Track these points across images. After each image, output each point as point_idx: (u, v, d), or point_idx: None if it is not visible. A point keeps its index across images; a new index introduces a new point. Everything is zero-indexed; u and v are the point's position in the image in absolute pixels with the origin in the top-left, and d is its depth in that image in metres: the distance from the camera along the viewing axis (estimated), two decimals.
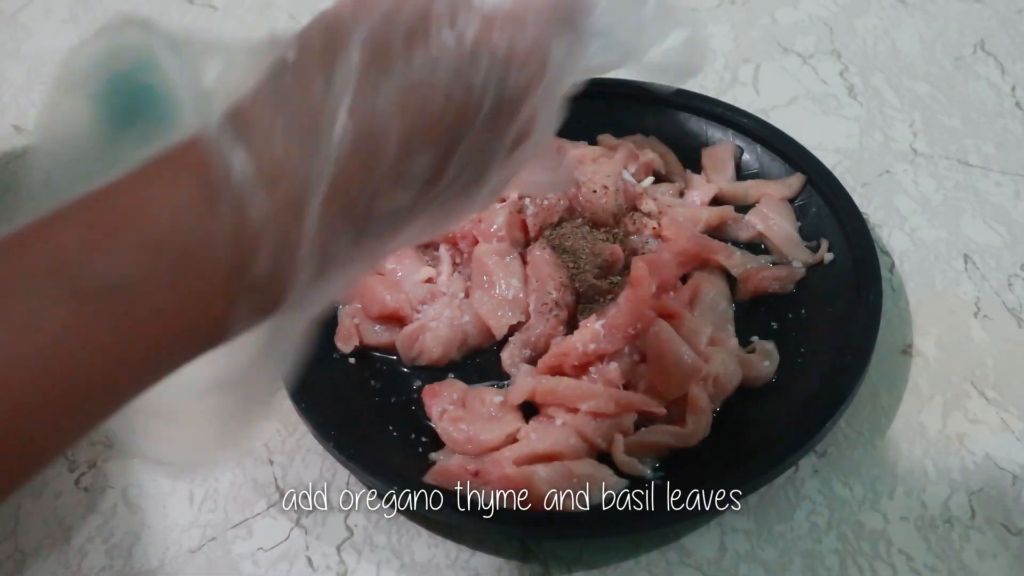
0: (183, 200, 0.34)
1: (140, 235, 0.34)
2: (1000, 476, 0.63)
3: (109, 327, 0.33)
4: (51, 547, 0.64)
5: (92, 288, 0.32)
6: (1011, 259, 0.75)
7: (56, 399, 0.32)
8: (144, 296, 0.33)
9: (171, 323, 0.34)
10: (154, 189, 0.35)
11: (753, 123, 0.81)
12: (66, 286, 0.32)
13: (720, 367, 0.65)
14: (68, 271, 0.32)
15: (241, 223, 0.34)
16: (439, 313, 0.71)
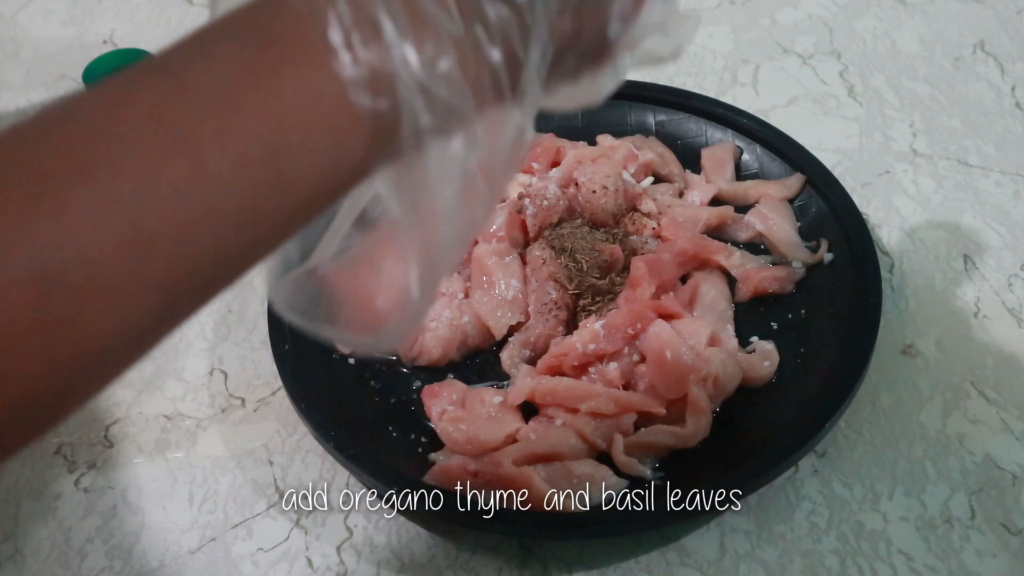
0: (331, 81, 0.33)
1: (300, 117, 0.33)
2: (1000, 476, 0.63)
3: (267, 199, 0.33)
4: (51, 548, 0.64)
5: (245, 157, 0.32)
6: (1011, 259, 0.75)
7: (225, 243, 0.33)
8: (296, 163, 0.33)
9: (317, 184, 0.34)
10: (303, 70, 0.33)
11: (753, 123, 0.81)
12: (228, 152, 0.32)
13: (720, 367, 0.65)
14: (229, 141, 0.32)
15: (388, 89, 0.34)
16: (438, 314, 0.70)
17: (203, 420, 0.71)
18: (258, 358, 0.74)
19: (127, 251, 0.31)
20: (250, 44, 0.33)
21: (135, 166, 0.31)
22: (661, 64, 0.43)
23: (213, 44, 0.34)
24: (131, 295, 0.31)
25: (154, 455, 0.69)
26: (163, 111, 0.32)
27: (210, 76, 0.33)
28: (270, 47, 0.33)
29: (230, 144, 0.32)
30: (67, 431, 0.70)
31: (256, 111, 0.33)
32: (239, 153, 0.32)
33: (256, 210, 0.33)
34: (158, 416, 0.71)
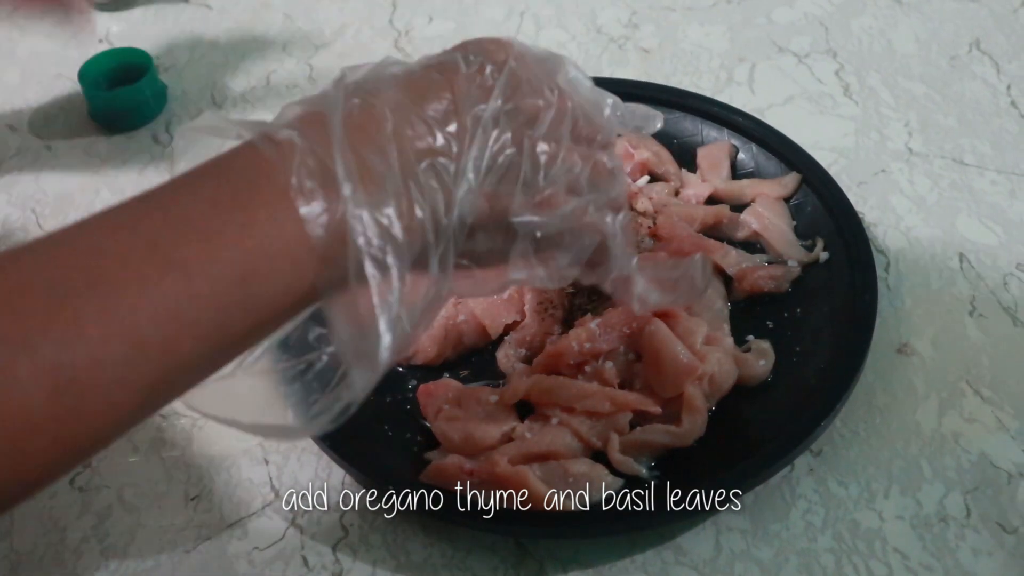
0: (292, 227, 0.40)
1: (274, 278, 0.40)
2: (995, 475, 0.63)
3: (235, 316, 0.40)
4: (46, 547, 0.64)
5: (223, 280, 0.39)
6: (1006, 258, 0.75)
7: (191, 365, 0.40)
8: (262, 286, 0.40)
9: (277, 304, 0.42)
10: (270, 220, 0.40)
11: (749, 122, 0.81)
12: (209, 275, 0.38)
13: (716, 366, 0.65)
14: (210, 266, 0.38)
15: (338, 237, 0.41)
16: None
17: (198, 419, 0.70)
18: None
19: (126, 356, 0.37)
20: (227, 184, 0.40)
21: (136, 283, 0.37)
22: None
23: (196, 184, 0.41)
24: (124, 393, 0.38)
25: (149, 454, 0.69)
26: (157, 237, 0.38)
27: (194, 210, 0.39)
28: (244, 188, 0.40)
29: (211, 269, 0.38)
30: None
31: (232, 241, 0.39)
32: (218, 276, 0.39)
33: (227, 325, 0.40)
34: (153, 415, 0.71)
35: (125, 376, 0.37)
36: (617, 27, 0.99)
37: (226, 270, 0.39)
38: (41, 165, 0.90)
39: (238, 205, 0.40)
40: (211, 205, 0.40)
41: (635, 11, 1.01)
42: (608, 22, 1.00)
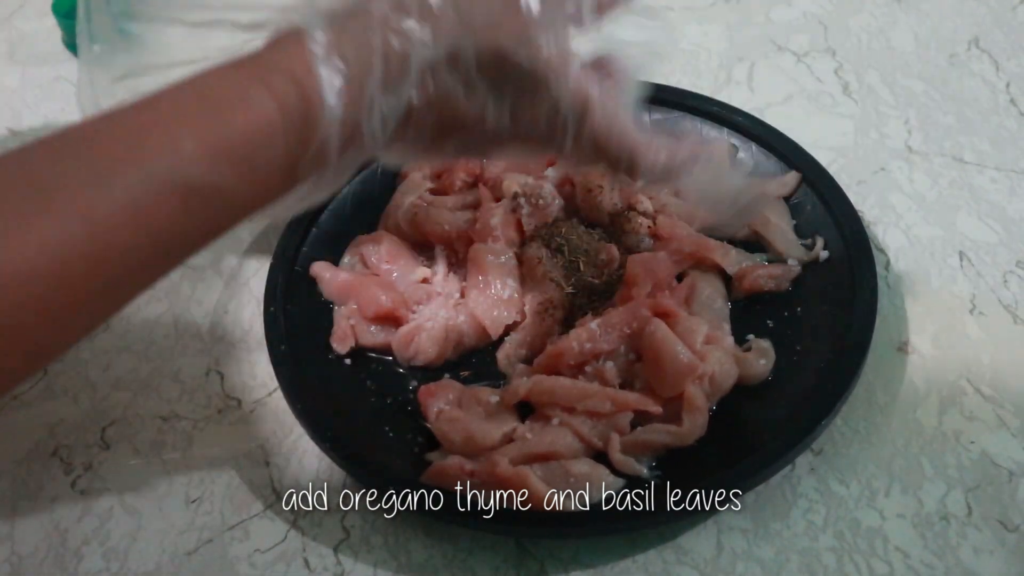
0: (274, 116, 0.43)
1: (240, 151, 0.42)
2: (996, 473, 0.63)
3: (202, 217, 0.42)
4: (47, 550, 0.64)
5: (195, 188, 0.41)
6: (1006, 256, 0.75)
7: (146, 263, 0.42)
8: (234, 194, 0.43)
9: (246, 205, 0.44)
10: (248, 100, 0.42)
11: (748, 121, 0.81)
12: (178, 184, 0.40)
13: (716, 365, 0.64)
14: (179, 171, 0.40)
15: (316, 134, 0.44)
16: (435, 313, 0.71)
17: (199, 421, 0.70)
18: (254, 359, 0.74)
19: (123, 223, 0.39)
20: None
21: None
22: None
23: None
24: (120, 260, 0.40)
25: (150, 456, 0.69)
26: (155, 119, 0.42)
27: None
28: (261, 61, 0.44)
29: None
30: (63, 433, 0.70)
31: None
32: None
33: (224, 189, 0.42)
34: (154, 417, 0.71)
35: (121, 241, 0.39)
36: None
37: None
38: None
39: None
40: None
41: None
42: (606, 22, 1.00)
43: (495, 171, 0.80)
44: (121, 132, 0.40)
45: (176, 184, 0.40)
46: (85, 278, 0.38)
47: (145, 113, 0.41)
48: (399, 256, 0.75)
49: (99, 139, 0.40)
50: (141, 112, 0.41)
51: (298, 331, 0.71)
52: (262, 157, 0.43)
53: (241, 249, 0.82)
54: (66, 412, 0.72)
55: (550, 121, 0.50)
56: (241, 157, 0.42)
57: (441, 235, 0.75)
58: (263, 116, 0.42)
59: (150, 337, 0.76)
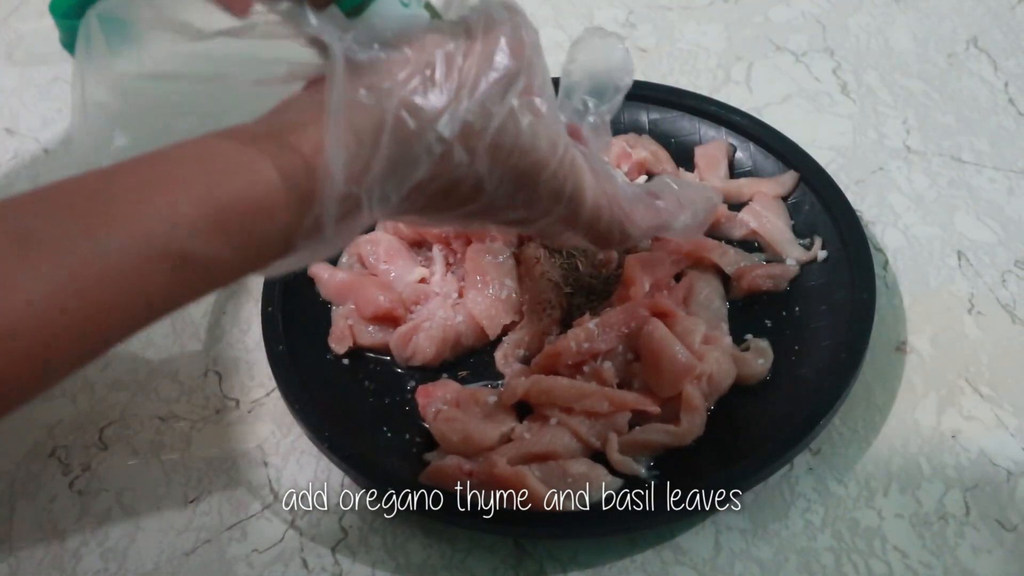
0: (265, 186, 0.41)
1: (238, 223, 0.41)
2: (994, 472, 0.63)
3: (192, 283, 0.41)
4: (45, 551, 0.64)
5: (189, 258, 0.39)
6: (1005, 255, 0.75)
7: (130, 322, 0.40)
8: (228, 264, 0.41)
9: (238, 273, 0.43)
10: (248, 171, 0.41)
11: (746, 121, 0.81)
12: (173, 252, 0.39)
13: (714, 365, 0.64)
14: (176, 240, 0.39)
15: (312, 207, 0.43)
16: (432, 313, 0.70)
17: (197, 422, 0.70)
18: (252, 359, 0.74)
19: (136, 266, 0.38)
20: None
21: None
22: None
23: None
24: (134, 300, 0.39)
25: (148, 457, 0.69)
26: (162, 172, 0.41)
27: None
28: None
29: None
30: (61, 434, 0.70)
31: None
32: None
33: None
34: (152, 418, 0.71)
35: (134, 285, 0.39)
36: (614, 27, 0.99)
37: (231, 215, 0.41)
38: (38, 168, 0.90)
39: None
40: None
41: (632, 10, 1.00)
42: (605, 21, 1.00)
43: None
44: (119, 191, 0.39)
45: (170, 252, 0.39)
46: (69, 335, 0.38)
47: (145, 173, 0.40)
48: (397, 256, 0.75)
49: (96, 196, 0.39)
50: (141, 171, 0.40)
51: (296, 331, 0.71)
52: (260, 230, 0.41)
53: None
54: (64, 412, 0.72)
55: (550, 200, 0.50)
56: (239, 229, 0.41)
57: (439, 235, 0.75)
58: (266, 190, 0.41)
59: (148, 338, 0.76)
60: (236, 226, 0.40)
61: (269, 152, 0.42)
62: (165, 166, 0.41)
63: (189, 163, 0.41)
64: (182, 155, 0.41)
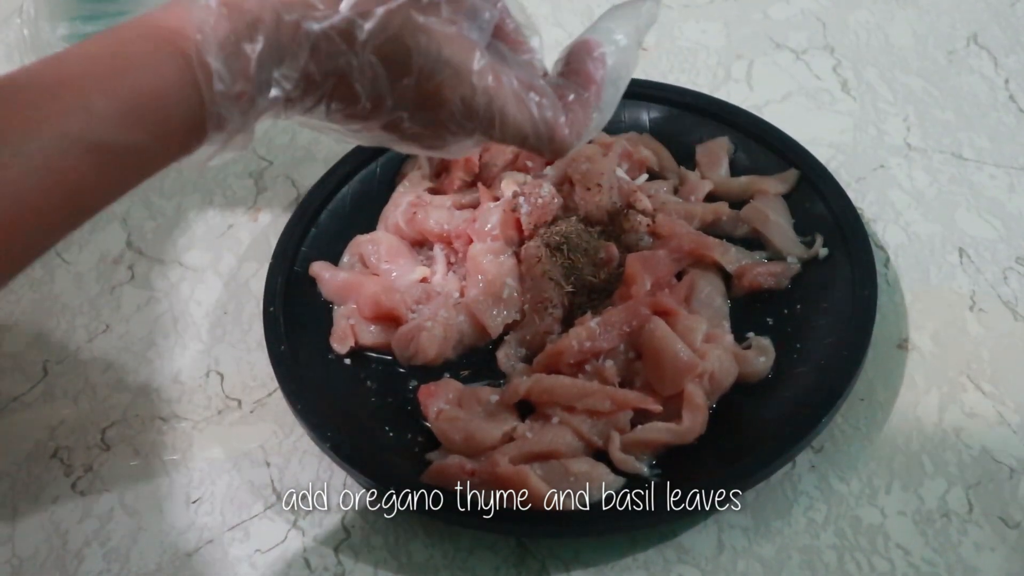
0: (173, 75, 0.43)
1: (151, 110, 0.42)
2: (997, 469, 0.63)
3: (114, 174, 0.43)
4: (48, 552, 0.64)
5: (107, 148, 0.41)
6: (1006, 252, 0.75)
7: (57, 221, 0.42)
8: (145, 152, 0.43)
9: (158, 161, 0.45)
10: (150, 65, 0.43)
11: (747, 119, 0.81)
12: (90, 143, 0.40)
13: (716, 363, 0.64)
14: (93, 131, 0.40)
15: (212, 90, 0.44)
16: (434, 313, 0.70)
17: (199, 422, 0.70)
18: (254, 359, 0.74)
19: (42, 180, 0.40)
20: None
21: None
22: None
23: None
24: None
25: (151, 457, 0.69)
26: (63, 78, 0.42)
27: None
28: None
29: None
30: (63, 435, 0.70)
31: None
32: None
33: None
34: (154, 418, 0.71)
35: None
36: None
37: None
38: None
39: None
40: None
41: None
42: None
43: (493, 171, 0.80)
44: (33, 92, 0.40)
45: (89, 144, 0.40)
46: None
47: (57, 71, 0.41)
48: (398, 255, 0.75)
49: (11, 98, 0.40)
50: (53, 70, 0.41)
51: (298, 331, 0.71)
52: (173, 115, 0.43)
53: (240, 249, 0.82)
54: (66, 413, 0.72)
55: (464, 115, 0.50)
56: (152, 116, 0.42)
57: (440, 234, 0.75)
58: (172, 75, 0.43)
59: (150, 338, 0.76)
60: (147, 113, 0.42)
61: (169, 39, 0.43)
62: (77, 63, 0.42)
63: (100, 57, 0.42)
64: (86, 53, 0.43)
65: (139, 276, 0.81)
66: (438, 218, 0.76)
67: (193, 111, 0.44)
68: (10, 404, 0.73)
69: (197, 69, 0.43)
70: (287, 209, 0.84)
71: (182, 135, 0.44)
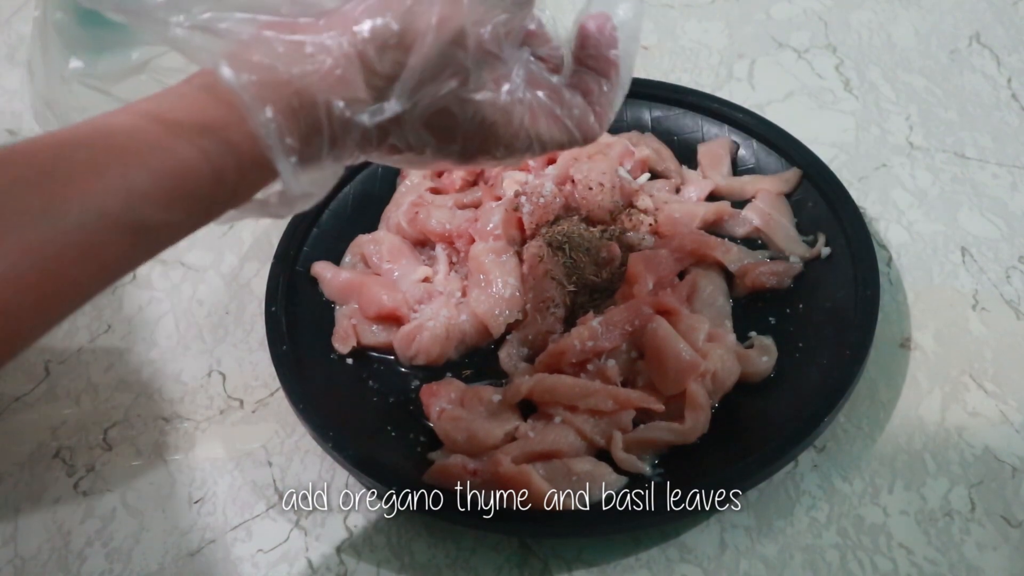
0: (209, 151, 0.42)
1: (188, 195, 0.42)
2: (1000, 469, 0.63)
3: (148, 252, 0.43)
4: (50, 552, 0.64)
5: (145, 226, 0.41)
6: (1009, 251, 0.75)
7: (90, 292, 0.42)
8: (182, 227, 0.43)
9: (190, 232, 0.44)
10: (183, 139, 0.42)
11: (749, 118, 0.81)
12: (129, 222, 0.40)
13: (718, 363, 0.64)
14: (132, 210, 0.40)
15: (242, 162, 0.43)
16: (436, 312, 0.70)
17: (201, 422, 0.70)
18: (256, 359, 0.74)
19: (97, 233, 0.40)
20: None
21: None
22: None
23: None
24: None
25: (153, 457, 0.69)
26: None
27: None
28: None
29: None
30: (66, 435, 0.70)
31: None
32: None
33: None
34: (156, 418, 0.71)
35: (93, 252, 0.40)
36: None
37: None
38: None
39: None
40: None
41: None
42: None
43: (495, 170, 0.80)
44: (73, 166, 0.40)
45: (127, 223, 0.40)
46: (31, 309, 0.39)
47: (97, 147, 0.41)
48: (400, 255, 0.75)
49: (53, 168, 0.40)
50: (92, 145, 0.41)
51: (300, 331, 0.71)
52: (212, 196, 0.43)
53: (242, 250, 0.82)
54: (68, 413, 0.72)
55: (507, 154, 0.51)
56: (192, 196, 0.42)
57: (442, 234, 0.75)
58: (218, 161, 0.43)
59: (152, 338, 0.76)
60: (187, 193, 0.42)
61: (210, 134, 0.43)
62: (114, 138, 0.42)
63: (137, 135, 0.42)
64: (128, 126, 0.42)
65: (141, 276, 0.81)
66: (440, 218, 0.76)
67: (228, 191, 0.44)
68: (12, 404, 0.73)
69: (251, 167, 0.44)
70: None
71: (215, 212, 0.45)
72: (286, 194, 0.46)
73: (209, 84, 0.43)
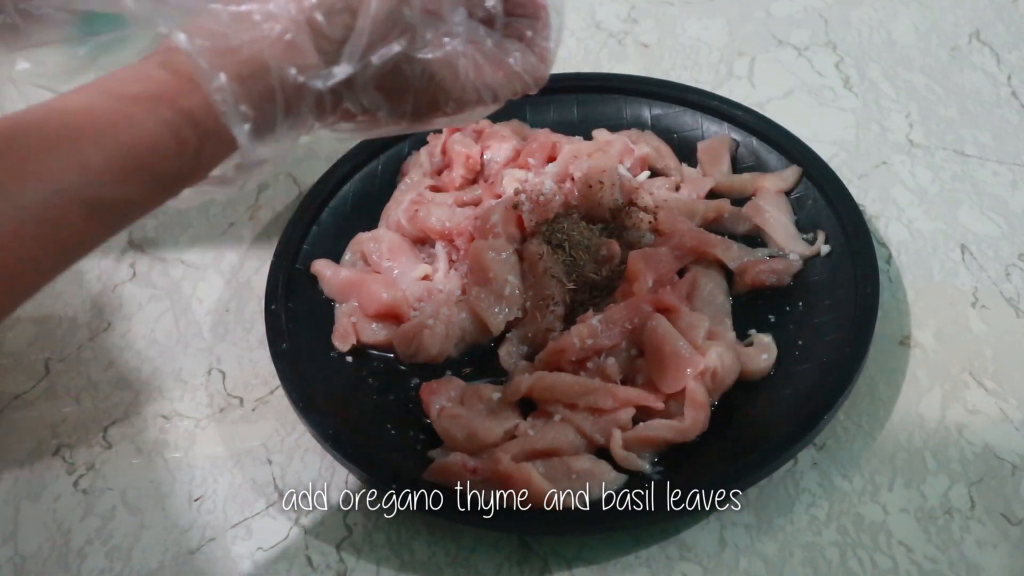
0: (164, 130, 0.43)
1: (147, 165, 0.43)
2: (999, 466, 0.63)
3: (105, 226, 0.44)
4: (50, 550, 0.64)
5: (101, 202, 0.42)
6: (1009, 249, 0.75)
7: (48, 269, 0.42)
8: (137, 204, 0.45)
9: (147, 209, 0.46)
10: (144, 118, 0.43)
11: (749, 116, 0.81)
12: (85, 198, 0.41)
13: (718, 361, 0.64)
14: (88, 186, 0.41)
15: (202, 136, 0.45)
16: (436, 310, 0.70)
17: (201, 420, 0.70)
18: (256, 357, 0.74)
19: (48, 212, 0.41)
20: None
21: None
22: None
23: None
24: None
25: (153, 456, 0.69)
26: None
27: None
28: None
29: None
30: (66, 432, 0.70)
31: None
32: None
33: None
34: (156, 416, 0.71)
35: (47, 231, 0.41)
36: (616, 22, 0.99)
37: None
38: None
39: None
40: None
41: (634, 6, 1.00)
42: (607, 17, 1.00)
43: (495, 168, 0.80)
44: (32, 142, 0.41)
45: (84, 199, 0.41)
46: None
47: (50, 126, 0.42)
48: (400, 253, 0.75)
49: (7, 147, 0.40)
50: (45, 124, 0.42)
51: (299, 329, 0.71)
52: (167, 170, 0.44)
53: (242, 247, 0.82)
54: (68, 411, 0.72)
55: (457, 108, 0.53)
56: (147, 170, 0.43)
57: (442, 232, 0.75)
58: (170, 133, 0.43)
59: (152, 336, 0.76)
60: (143, 168, 0.43)
61: (163, 106, 0.44)
62: (69, 116, 0.42)
63: (94, 113, 0.43)
64: (83, 103, 0.43)
65: (141, 274, 0.81)
66: (440, 215, 0.76)
67: (186, 165, 0.45)
68: (12, 402, 0.73)
69: (207, 136, 0.44)
70: (289, 207, 0.84)
71: (173, 187, 0.46)
72: (243, 164, 0.47)
73: (164, 60, 0.44)
